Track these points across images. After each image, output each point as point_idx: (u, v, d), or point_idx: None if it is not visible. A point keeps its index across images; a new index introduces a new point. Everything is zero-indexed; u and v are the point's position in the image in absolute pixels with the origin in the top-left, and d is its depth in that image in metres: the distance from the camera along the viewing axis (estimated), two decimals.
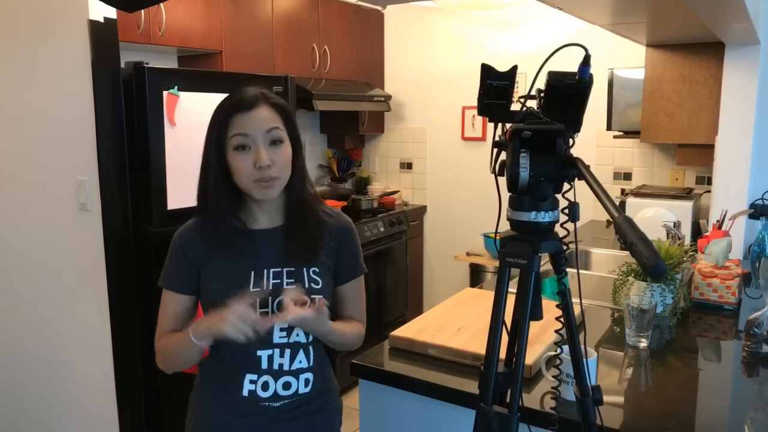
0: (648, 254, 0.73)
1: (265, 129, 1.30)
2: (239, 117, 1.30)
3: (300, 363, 1.38)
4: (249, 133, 1.29)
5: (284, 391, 1.37)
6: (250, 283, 1.34)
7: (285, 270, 1.36)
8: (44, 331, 2.71)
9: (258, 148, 1.29)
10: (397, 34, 4.55)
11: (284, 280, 1.36)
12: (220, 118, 1.32)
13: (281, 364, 1.36)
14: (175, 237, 1.41)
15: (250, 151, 1.30)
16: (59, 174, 2.51)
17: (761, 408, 1.45)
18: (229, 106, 1.32)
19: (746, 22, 2.11)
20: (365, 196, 4.28)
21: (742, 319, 1.99)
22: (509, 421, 1.00)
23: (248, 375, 1.35)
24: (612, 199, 0.86)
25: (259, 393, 1.36)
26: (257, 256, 1.36)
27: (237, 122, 1.30)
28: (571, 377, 1.32)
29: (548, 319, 1.18)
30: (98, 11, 2.29)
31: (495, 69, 1.06)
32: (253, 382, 1.35)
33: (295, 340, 1.37)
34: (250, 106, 1.31)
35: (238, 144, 1.30)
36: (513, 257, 1.04)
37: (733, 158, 2.78)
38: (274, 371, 1.36)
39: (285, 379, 1.37)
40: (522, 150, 1.01)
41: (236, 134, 1.30)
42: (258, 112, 1.31)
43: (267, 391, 1.36)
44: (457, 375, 1.55)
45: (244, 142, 1.30)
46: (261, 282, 1.33)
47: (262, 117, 1.31)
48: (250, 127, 1.29)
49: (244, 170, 1.30)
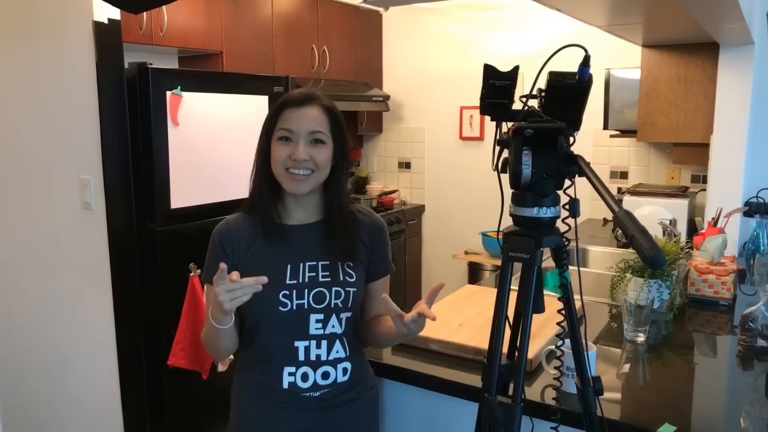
0: (648, 246, 0.76)
1: (309, 129, 1.35)
2: (288, 112, 1.36)
3: (337, 353, 1.41)
4: (293, 129, 1.35)
5: (323, 380, 1.40)
6: (287, 275, 1.37)
7: (320, 263, 1.40)
8: (49, 328, 2.73)
9: (299, 142, 1.34)
10: (395, 34, 4.58)
11: (319, 273, 1.39)
12: (272, 113, 1.39)
13: (318, 355, 1.39)
14: (213, 233, 1.44)
15: (291, 143, 1.35)
16: (64, 173, 2.53)
17: (756, 401, 1.48)
18: (281, 102, 1.38)
19: (740, 22, 2.15)
20: (364, 196, 4.31)
21: (737, 315, 2.02)
22: (512, 410, 1.04)
23: (286, 368, 1.38)
24: (612, 194, 0.89)
25: (299, 384, 1.39)
26: (293, 250, 1.40)
27: (285, 117, 1.36)
28: (571, 370, 1.35)
29: (548, 315, 1.20)
30: (102, 13, 2.31)
31: (497, 69, 1.09)
32: (292, 374, 1.38)
33: (330, 331, 1.40)
34: (301, 104, 1.36)
35: (282, 136, 1.36)
36: (516, 252, 1.08)
37: (728, 157, 2.81)
38: (312, 362, 1.39)
39: (324, 369, 1.40)
40: (524, 148, 1.04)
41: (282, 128, 1.36)
42: (307, 111, 1.36)
43: (307, 381, 1.39)
44: (459, 369, 1.58)
45: (288, 135, 1.35)
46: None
47: (310, 116, 1.36)
48: (296, 124, 1.35)
49: (279, 158, 1.35)
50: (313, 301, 1.37)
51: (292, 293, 1.35)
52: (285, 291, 1.35)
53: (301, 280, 1.37)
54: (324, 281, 1.38)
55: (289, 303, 1.35)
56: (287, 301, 1.35)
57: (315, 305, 1.37)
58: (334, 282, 1.39)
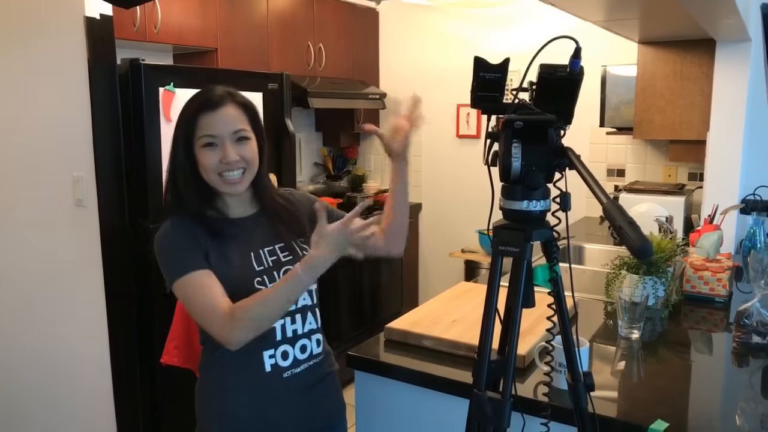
0: (635, 236, 0.75)
1: (231, 129, 1.36)
2: (206, 116, 1.35)
3: (310, 324, 1.46)
4: (216, 134, 1.35)
5: (302, 354, 1.43)
6: (253, 263, 1.39)
7: (276, 247, 1.44)
8: (41, 326, 2.72)
9: (225, 145, 1.35)
10: (391, 32, 4.57)
11: (280, 255, 1.43)
12: (188, 117, 1.36)
13: (294, 330, 1.42)
14: (165, 235, 1.39)
15: (217, 148, 1.35)
16: (56, 170, 2.52)
17: (752, 398, 1.48)
18: (196, 106, 1.36)
19: (736, 18, 2.14)
20: (361, 194, 4.30)
21: (732, 311, 2.01)
22: (502, 405, 1.02)
23: (265, 352, 1.39)
24: (602, 186, 0.88)
25: (280, 363, 1.40)
26: (247, 241, 1.42)
27: (204, 122, 1.35)
28: (563, 366, 1.34)
29: (541, 312, 1.19)
30: (94, 8, 2.30)
31: (487, 61, 1.08)
32: (272, 357, 1.40)
33: (302, 304, 1.44)
34: (217, 106, 1.35)
35: (206, 142, 1.35)
36: (505, 245, 1.06)
37: (725, 154, 2.81)
38: (289, 338, 1.42)
39: (301, 343, 1.44)
40: (514, 140, 1.03)
41: (204, 135, 1.35)
42: (224, 112, 1.36)
43: (287, 359, 1.41)
44: (452, 366, 1.57)
45: (212, 141, 1.35)
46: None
47: (229, 116, 1.36)
48: (217, 128, 1.35)
49: (210, 165, 1.35)
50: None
51: (263, 278, 1.38)
52: (258, 278, 1.38)
53: (267, 264, 1.41)
54: (287, 260, 1.43)
55: (263, 288, 1.37)
56: (262, 287, 1.37)
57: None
58: (296, 258, 1.43)
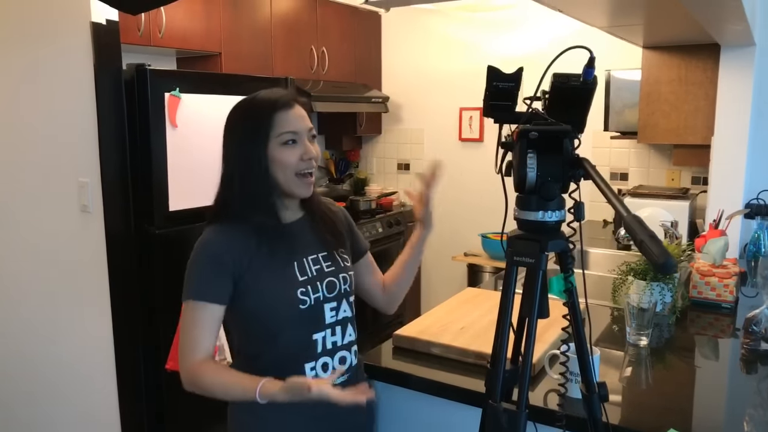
0: (658, 252, 0.74)
1: (307, 126, 1.38)
2: (283, 114, 1.35)
3: (350, 336, 1.47)
4: (297, 130, 1.36)
5: (341, 366, 1.43)
6: (297, 273, 1.38)
7: (320, 255, 1.44)
8: (46, 331, 2.71)
9: (305, 142, 1.37)
10: (394, 35, 4.57)
11: (323, 264, 1.43)
12: (263, 117, 1.35)
13: (335, 342, 1.43)
14: (203, 246, 1.36)
15: (297, 145, 1.36)
16: (61, 176, 2.51)
17: (759, 404, 1.47)
18: (269, 106, 1.36)
19: (743, 24, 2.14)
20: (363, 197, 4.29)
21: (739, 317, 2.01)
22: (517, 417, 1.02)
23: (306, 364, 1.39)
24: (620, 198, 0.88)
25: (320, 375, 1.40)
26: (293, 248, 1.41)
27: (282, 120, 1.35)
28: (575, 375, 1.34)
29: (551, 319, 1.18)
30: (100, 14, 2.30)
31: (501, 71, 1.08)
32: (313, 369, 1.39)
33: (342, 316, 1.45)
34: (291, 105, 1.37)
35: (288, 139, 1.35)
36: (520, 256, 1.06)
37: (729, 158, 2.81)
38: (329, 350, 1.41)
39: (341, 354, 1.44)
40: (529, 151, 1.03)
41: (285, 131, 1.35)
42: (298, 110, 1.38)
43: (327, 371, 1.41)
44: (460, 373, 1.57)
45: (293, 138, 1.36)
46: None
47: (302, 115, 1.39)
48: (297, 124, 1.36)
49: (290, 162, 1.35)
50: (327, 291, 1.41)
51: (307, 289, 1.38)
52: (302, 288, 1.37)
53: (311, 274, 1.40)
54: (330, 270, 1.44)
55: (307, 299, 1.37)
56: (306, 297, 1.37)
57: (328, 295, 1.41)
58: (338, 269, 1.45)
